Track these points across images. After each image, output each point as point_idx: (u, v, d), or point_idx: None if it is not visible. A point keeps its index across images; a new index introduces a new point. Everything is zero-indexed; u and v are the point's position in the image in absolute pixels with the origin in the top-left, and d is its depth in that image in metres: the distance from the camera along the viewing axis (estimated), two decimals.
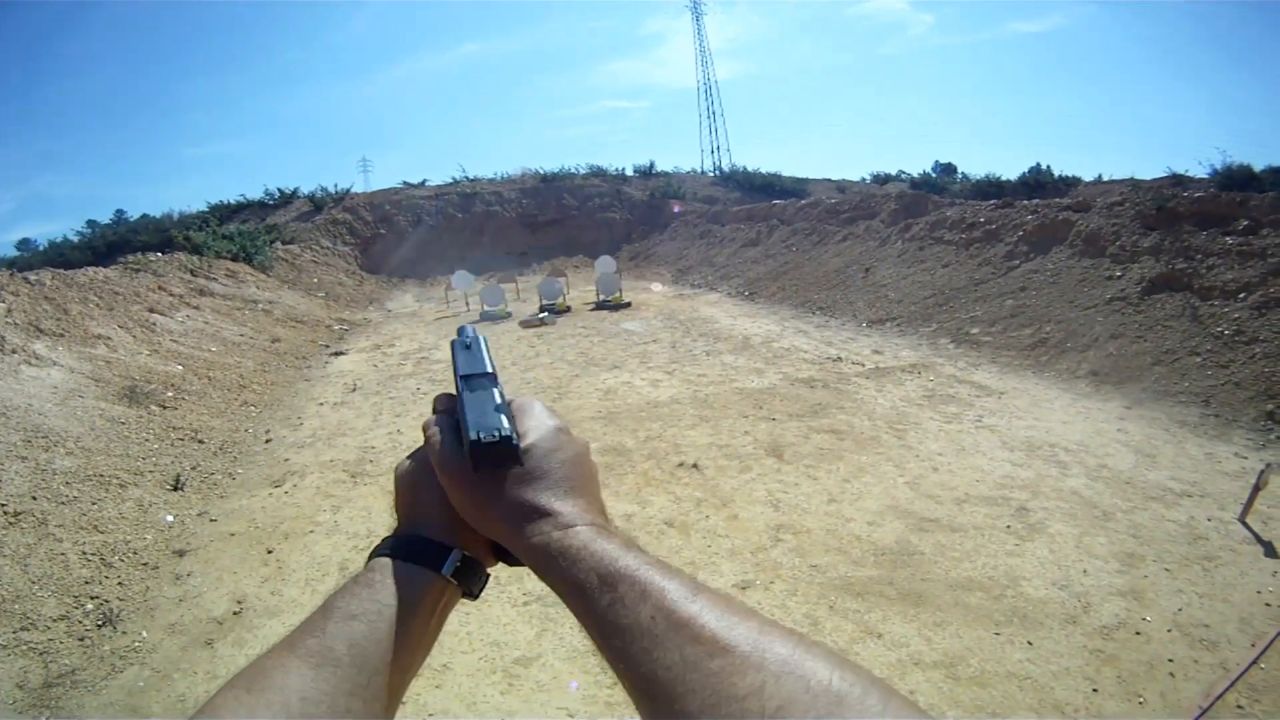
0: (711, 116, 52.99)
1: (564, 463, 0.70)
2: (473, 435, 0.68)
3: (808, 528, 5.91)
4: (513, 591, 4.99)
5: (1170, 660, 4.70)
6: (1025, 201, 15.57)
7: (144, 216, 33.26)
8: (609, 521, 0.68)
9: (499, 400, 0.74)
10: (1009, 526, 6.41)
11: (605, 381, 10.47)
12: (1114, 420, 9.07)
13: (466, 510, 0.70)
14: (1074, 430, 8.78)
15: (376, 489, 6.83)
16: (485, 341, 0.86)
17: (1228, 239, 11.32)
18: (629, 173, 37.09)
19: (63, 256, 25.09)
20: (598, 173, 35.90)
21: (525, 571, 0.69)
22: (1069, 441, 8.42)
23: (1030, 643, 4.60)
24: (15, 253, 34.07)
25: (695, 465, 7.11)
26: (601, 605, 0.56)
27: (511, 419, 0.72)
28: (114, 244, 25.72)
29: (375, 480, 7.08)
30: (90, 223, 35.04)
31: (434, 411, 0.80)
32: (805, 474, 7.04)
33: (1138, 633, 4.96)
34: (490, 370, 0.79)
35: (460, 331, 0.88)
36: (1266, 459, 7.71)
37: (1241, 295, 10.44)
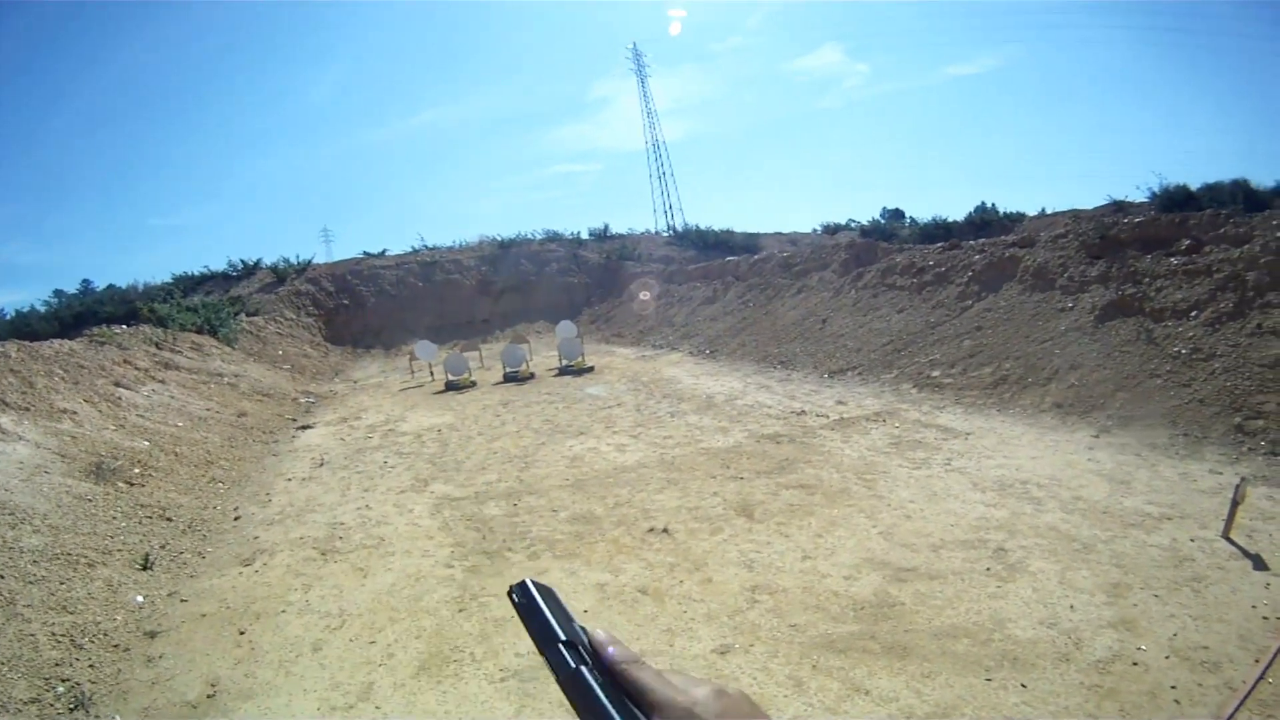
0: (661, 176, 53.49)
1: None
2: None
3: (784, 586, 5.75)
4: (489, 668, 4.81)
5: (1173, 687, 4.52)
6: (972, 241, 15.76)
7: (110, 286, 33.19)
8: None
9: (596, 685, 0.61)
10: (989, 569, 6.23)
11: (572, 448, 10.27)
12: (1083, 450, 8.96)
13: None
14: (1044, 465, 8.64)
15: (347, 566, 6.65)
16: (537, 590, 0.71)
17: (1172, 260, 11.40)
18: (585, 236, 37.20)
19: (29, 327, 24.60)
20: (554, 237, 35.98)
21: (501, 645, 0.49)
22: (1040, 476, 8.28)
23: (1024, 685, 4.44)
24: None
25: (665, 530, 6.94)
26: None
27: (633, 709, 0.60)
28: (80, 315, 25.13)
29: (346, 557, 6.88)
30: (57, 292, 34.19)
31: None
32: (777, 532, 6.88)
33: (1135, 663, 4.78)
34: (565, 637, 0.66)
35: (515, 592, 0.72)
36: (1241, 472, 7.63)
37: (1193, 313, 10.46)
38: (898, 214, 32.28)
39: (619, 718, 0.57)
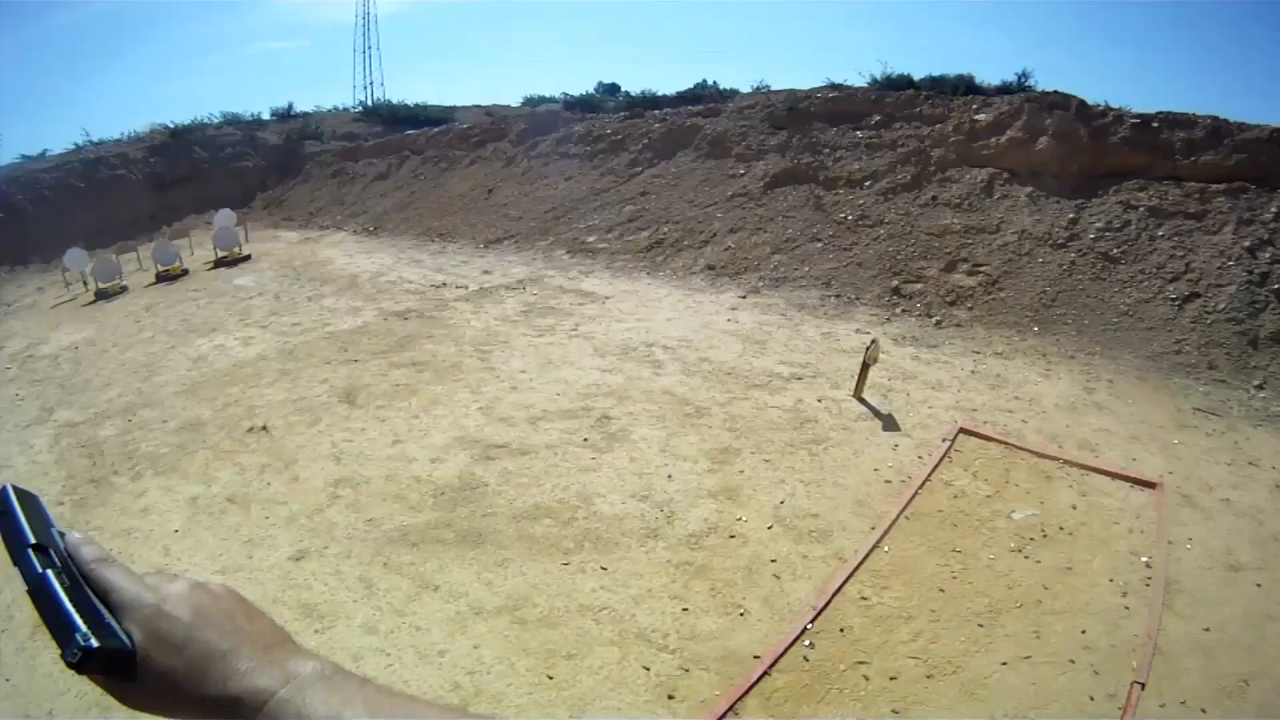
0: (366, 50, 49.12)
1: (219, 624, 0.56)
2: (72, 652, 0.51)
3: (367, 477, 5.18)
4: None
5: (773, 561, 3.89)
6: (656, 111, 14.18)
7: None
8: (298, 648, 0.57)
9: (59, 588, 0.55)
10: (586, 439, 5.23)
11: (199, 348, 9.21)
12: (724, 311, 7.84)
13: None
14: (678, 326, 7.47)
15: None
16: (17, 496, 0.62)
17: (858, 133, 10.57)
18: (266, 117, 33.29)
19: None
20: (232, 120, 31.67)
21: None
22: (670, 339, 7.09)
23: (604, 568, 4.00)
24: None
25: (264, 427, 6.28)
26: None
27: (100, 607, 0.55)
28: None
29: None
30: None
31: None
32: (375, 417, 6.17)
33: (732, 536, 4.09)
34: (34, 541, 0.59)
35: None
36: (890, 333, 6.68)
37: (867, 183, 9.63)
38: (613, 88, 30.66)
39: (80, 622, 0.52)
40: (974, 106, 9.91)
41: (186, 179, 28.19)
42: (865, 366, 5.30)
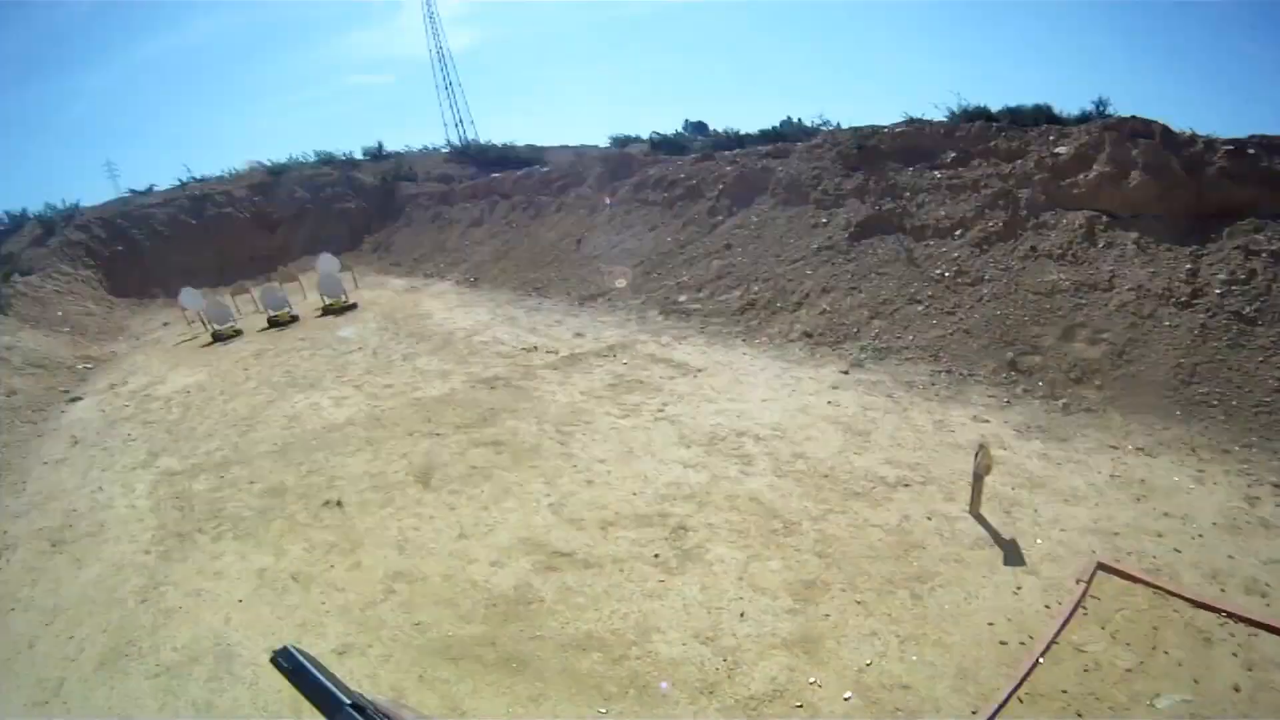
0: (449, 88, 49.82)
1: None
2: None
3: (425, 574, 5.03)
4: (149, 664, 4.54)
5: None
6: (725, 152, 13.83)
7: None
8: None
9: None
10: (657, 555, 4.88)
11: (296, 405, 9.34)
12: (826, 390, 7.40)
13: None
14: (774, 409, 7.06)
15: (68, 558, 6.18)
16: (307, 658, 0.83)
17: (935, 173, 10.00)
18: (359, 156, 33.87)
19: None
20: (327, 159, 32.42)
21: (164, 639, 2.83)
22: (764, 426, 6.69)
23: None
24: None
25: (339, 503, 6.24)
26: None
27: None
28: None
29: (69, 548, 6.37)
30: None
31: None
32: (445, 504, 6.00)
33: (800, 705, 3.55)
34: (350, 701, 0.76)
35: (280, 657, 0.85)
36: (1012, 421, 6.17)
37: (958, 232, 9.06)
38: (700, 126, 30.28)
39: None
40: (1051, 138, 9.25)
41: (293, 218, 29.12)
42: (978, 479, 4.84)
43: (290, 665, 0.85)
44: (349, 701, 0.77)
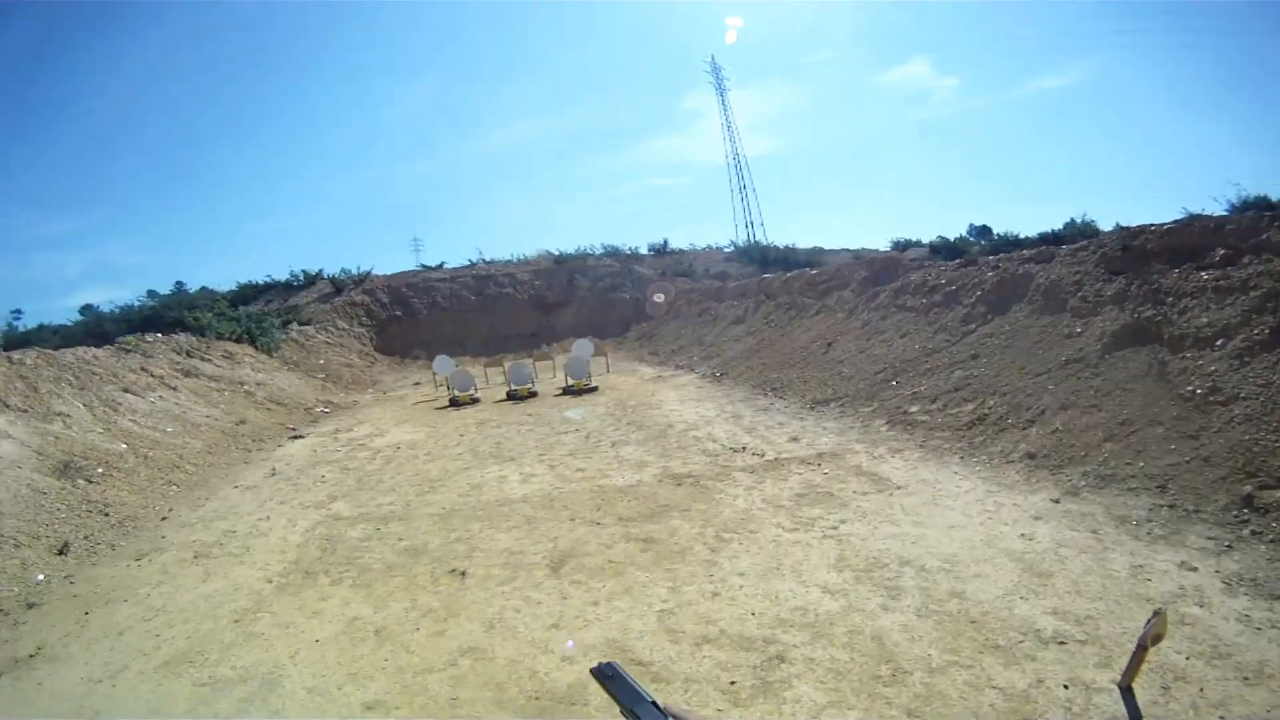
0: (742, 191, 51.67)
1: None
2: None
3: (495, 655, 4.86)
4: (203, 674, 4.92)
5: None
6: (989, 258, 13.09)
7: (203, 289, 35.06)
8: None
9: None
10: (734, 682, 4.41)
11: (485, 476, 9.58)
12: (1025, 520, 6.63)
13: None
14: (957, 539, 6.39)
15: (201, 570, 6.79)
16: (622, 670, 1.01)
17: (1203, 274, 8.84)
18: (643, 251, 35.69)
19: (101, 327, 26.20)
20: (612, 253, 35.01)
21: (232, 655, 3.43)
22: (937, 555, 6.07)
23: None
24: (78, 317, 34.19)
25: (464, 573, 6.26)
26: None
27: None
28: (148, 318, 25.63)
29: (207, 562, 7.03)
30: (150, 292, 35.97)
31: None
32: (560, 592, 5.84)
33: None
34: (653, 700, 0.94)
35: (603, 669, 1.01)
36: (1226, 569, 5.26)
37: (1219, 342, 7.92)
38: (985, 230, 29.40)
39: None
40: None
41: (568, 303, 31.11)
42: (1142, 650, 4.06)
43: (610, 674, 0.99)
44: (652, 700, 0.92)
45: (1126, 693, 4.05)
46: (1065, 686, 4.18)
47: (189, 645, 5.24)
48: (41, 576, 6.75)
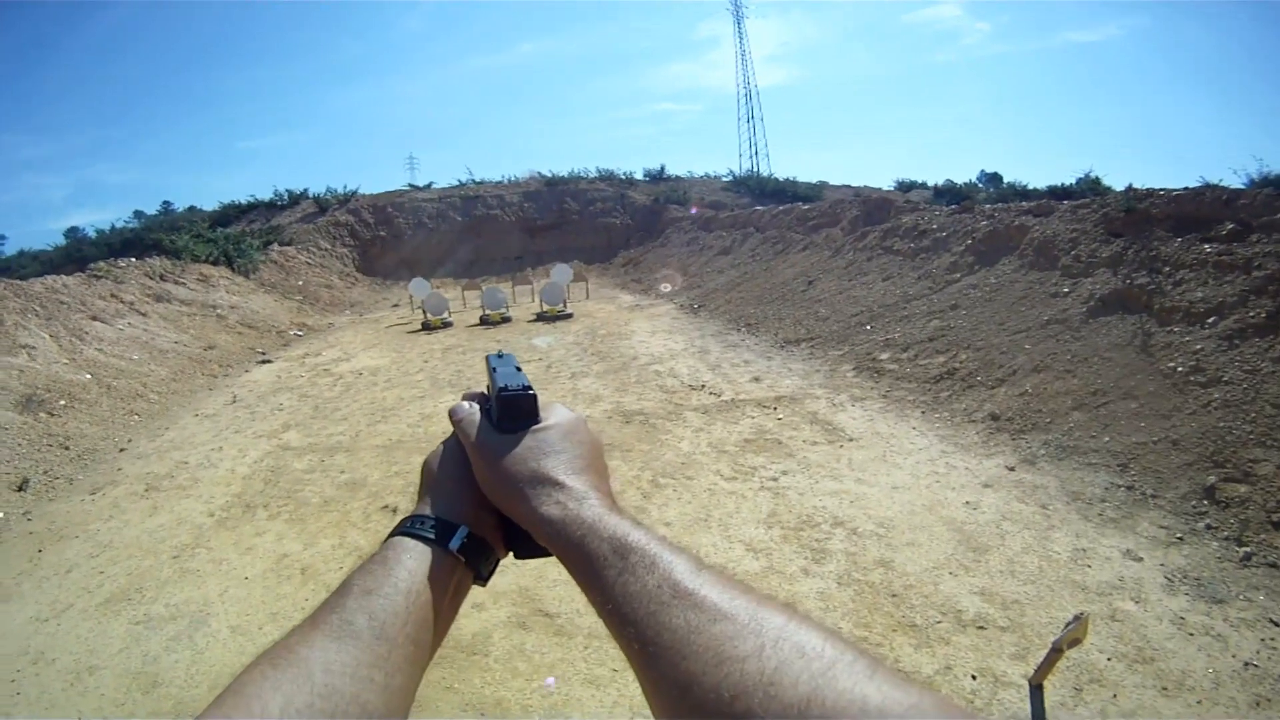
0: (751, 121, 50.47)
1: (580, 444, 0.76)
2: (501, 385, 0.78)
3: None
4: (138, 612, 4.90)
5: None
6: (986, 206, 12.50)
7: (191, 208, 34.60)
8: (617, 502, 0.71)
9: (521, 371, 0.85)
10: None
11: (439, 405, 9.36)
12: (974, 488, 6.23)
13: (488, 482, 0.74)
14: (898, 501, 6.00)
15: (149, 504, 6.68)
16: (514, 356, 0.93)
17: (1206, 246, 8.30)
18: (638, 177, 34.81)
19: (80, 252, 26.04)
20: (605, 176, 34.00)
21: (168, 593, 2.98)
22: (872, 520, 5.68)
23: None
24: (62, 241, 33.98)
25: (395, 510, 6.09)
26: (612, 574, 0.60)
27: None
28: (129, 240, 25.31)
29: (156, 495, 6.90)
30: (137, 213, 35.72)
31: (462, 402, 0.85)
32: None
33: None
34: (518, 366, 0.88)
35: (494, 355, 0.95)
36: (1172, 564, 4.88)
37: (1210, 319, 7.43)
38: (996, 178, 28.77)
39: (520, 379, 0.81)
40: None
41: (554, 227, 30.49)
42: (1056, 652, 3.67)
43: (500, 354, 0.92)
44: (500, 353, 0.93)
45: (1036, 691, 3.70)
46: (974, 676, 3.84)
47: (129, 582, 5.20)
48: (0, 514, 6.66)
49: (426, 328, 16.08)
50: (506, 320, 16.49)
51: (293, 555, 5.44)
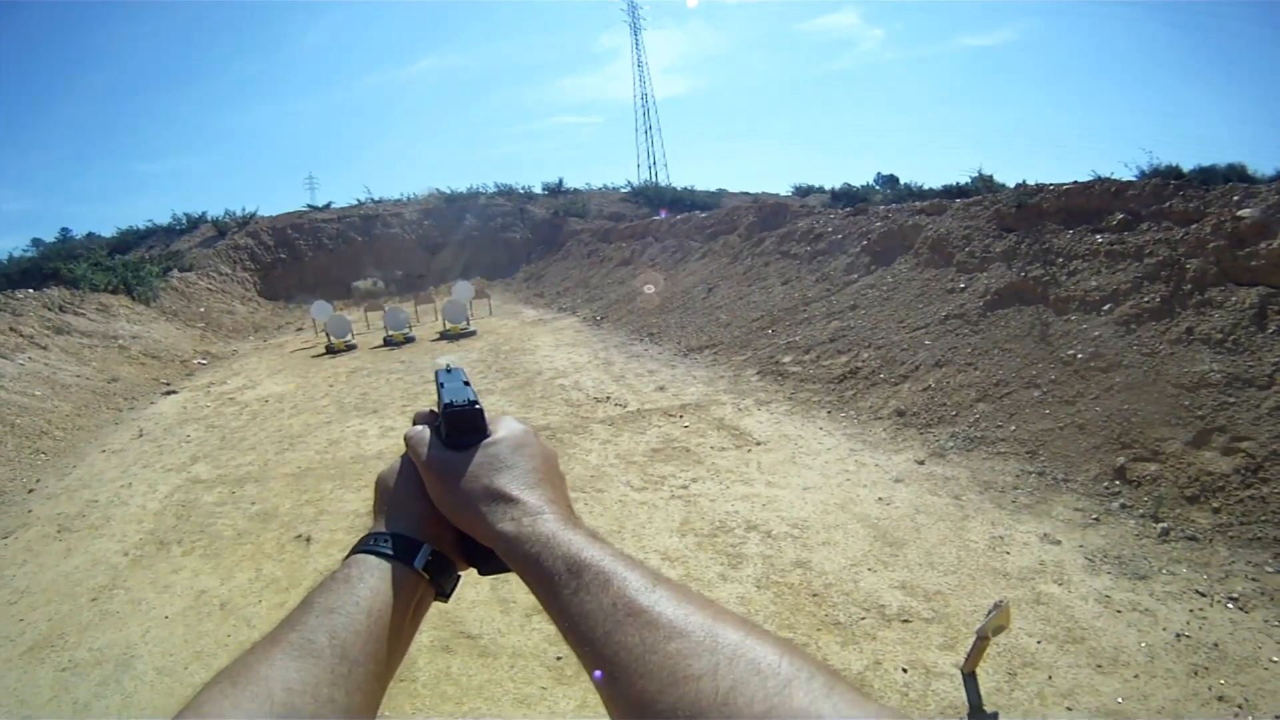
0: (649, 132, 50.64)
1: (532, 457, 0.74)
2: (446, 401, 0.78)
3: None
4: (64, 658, 4.60)
5: None
6: (879, 207, 12.60)
7: (90, 234, 33.35)
8: (574, 515, 0.70)
9: (469, 385, 0.84)
10: (559, 659, 4.01)
11: (346, 430, 9.15)
12: (886, 483, 6.12)
13: (443, 500, 0.73)
14: (810, 501, 5.86)
15: (63, 546, 6.35)
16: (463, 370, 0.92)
17: (1098, 237, 8.41)
18: (537, 190, 34.70)
19: None
20: (504, 191, 33.84)
21: (92, 639, 2.64)
22: (786, 521, 5.53)
23: None
24: None
25: (308, 540, 5.92)
26: (567, 592, 0.58)
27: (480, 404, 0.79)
28: (27, 270, 23.53)
29: (70, 537, 6.54)
30: (35, 241, 33.22)
31: (414, 424, 0.85)
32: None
33: None
34: (466, 380, 0.87)
35: (443, 370, 0.94)
36: (1091, 545, 4.80)
37: (1106, 307, 7.50)
38: (892, 180, 29.29)
39: (468, 394, 0.80)
40: (1236, 198, 7.58)
41: (457, 244, 30.07)
42: (983, 639, 3.51)
43: (448, 368, 0.90)
44: (445, 366, 0.90)
45: (969, 679, 3.54)
46: (904, 670, 3.68)
47: (50, 628, 5.01)
48: None
49: (330, 351, 15.66)
50: (410, 340, 16.08)
51: (210, 591, 5.26)
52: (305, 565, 5.48)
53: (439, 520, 0.73)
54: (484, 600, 4.59)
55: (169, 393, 12.96)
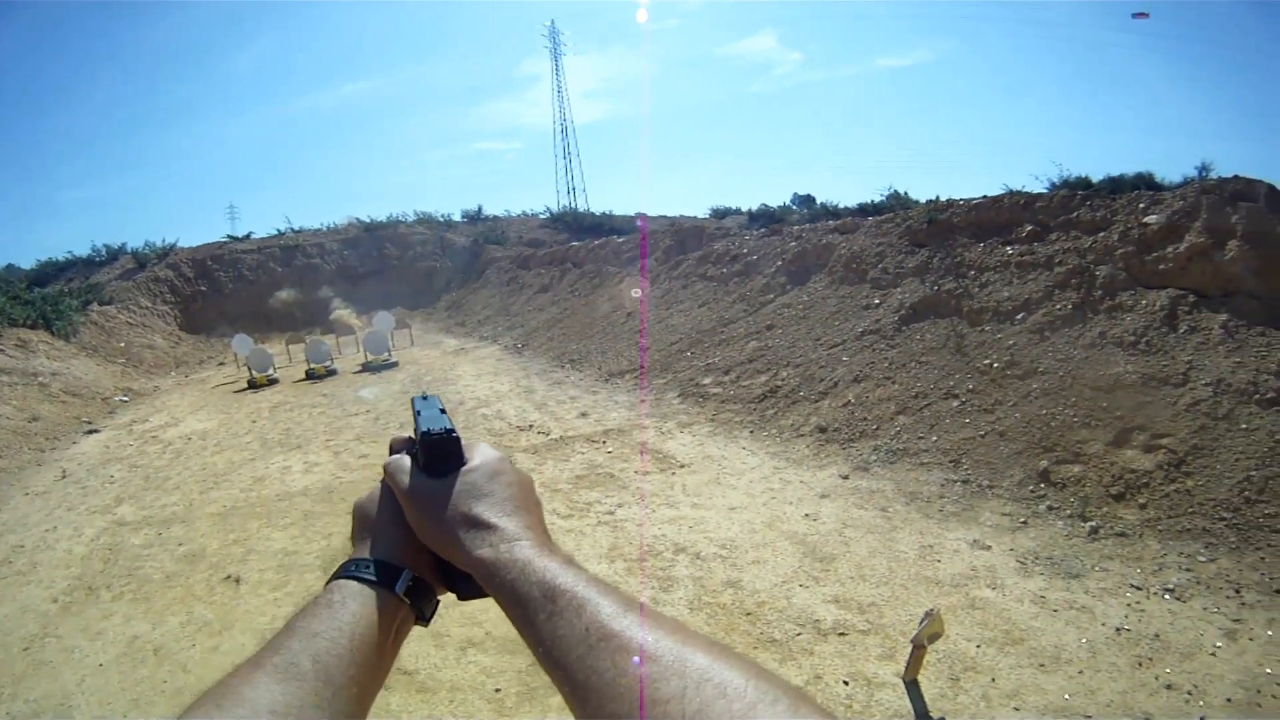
0: (568, 157, 50.63)
1: (508, 484, 0.75)
2: (424, 430, 0.77)
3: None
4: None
5: None
6: (793, 228, 12.69)
7: (9, 266, 32.38)
8: (550, 540, 0.70)
9: (446, 413, 0.83)
10: (498, 690, 3.91)
11: (270, 467, 8.88)
12: (811, 499, 6.06)
13: (423, 527, 0.73)
14: (738, 521, 5.79)
15: None
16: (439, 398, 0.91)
17: (1008, 249, 8.57)
18: (457, 218, 34.45)
19: None
20: (424, 219, 33.40)
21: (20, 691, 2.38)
22: (715, 541, 5.45)
23: None
24: None
25: (238, 580, 5.77)
26: (542, 617, 0.59)
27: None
28: None
29: (2, 580, 6.26)
30: None
31: (391, 452, 0.84)
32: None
33: None
34: (442, 407, 0.86)
35: (419, 398, 0.92)
36: (1022, 547, 4.77)
37: (1020, 316, 7.60)
38: (809, 200, 29.65)
39: (445, 422, 0.79)
40: (1141, 205, 7.82)
41: (376, 273, 29.60)
42: (920, 648, 3.43)
43: (424, 396, 0.89)
44: (423, 395, 0.89)
45: (912, 686, 3.46)
46: (846, 682, 3.59)
47: None
48: None
49: (252, 386, 15.31)
50: (333, 373, 15.75)
51: (143, 636, 5.06)
52: (236, 606, 5.31)
53: (418, 546, 0.73)
54: (416, 635, 4.37)
55: (91, 431, 12.50)
